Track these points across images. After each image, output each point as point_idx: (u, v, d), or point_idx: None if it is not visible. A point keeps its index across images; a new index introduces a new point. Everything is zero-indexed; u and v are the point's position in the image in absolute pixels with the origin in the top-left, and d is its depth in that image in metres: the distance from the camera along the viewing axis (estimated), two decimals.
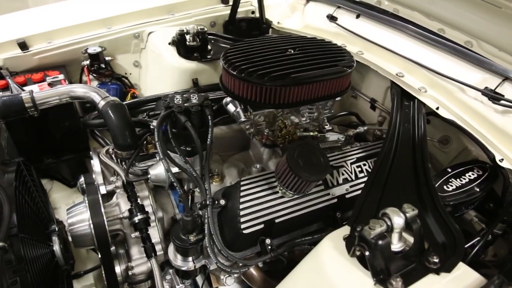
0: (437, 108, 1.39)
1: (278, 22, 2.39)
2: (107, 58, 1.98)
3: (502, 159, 1.22)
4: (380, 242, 0.82)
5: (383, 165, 1.18)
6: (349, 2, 1.98)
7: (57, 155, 1.87)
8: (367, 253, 0.83)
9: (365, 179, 1.35)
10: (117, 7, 2.08)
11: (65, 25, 1.94)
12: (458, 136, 1.47)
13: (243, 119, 1.33)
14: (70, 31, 1.95)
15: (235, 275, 1.26)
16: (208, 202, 1.14)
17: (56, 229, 1.34)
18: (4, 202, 0.98)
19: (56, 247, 1.31)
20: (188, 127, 1.15)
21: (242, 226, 1.12)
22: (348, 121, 1.95)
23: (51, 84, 1.70)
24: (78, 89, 1.36)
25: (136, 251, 1.35)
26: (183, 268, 1.21)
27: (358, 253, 0.89)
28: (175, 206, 1.44)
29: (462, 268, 0.87)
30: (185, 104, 1.22)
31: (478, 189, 1.23)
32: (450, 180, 1.26)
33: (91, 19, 1.99)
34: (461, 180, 1.26)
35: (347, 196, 1.30)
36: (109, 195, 1.42)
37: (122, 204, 1.35)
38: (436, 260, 0.85)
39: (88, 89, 1.36)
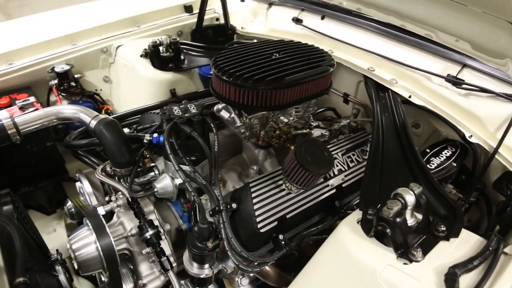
0: (410, 97, 1.54)
1: (242, 28, 2.45)
2: (75, 76, 1.91)
3: (471, 136, 1.39)
4: (398, 219, 0.92)
5: (376, 153, 1.30)
6: (312, 4, 2.11)
7: (34, 182, 1.77)
8: (388, 230, 0.93)
9: (356, 167, 1.46)
10: (80, 22, 2.01)
11: (26, 44, 1.84)
12: (428, 119, 1.64)
13: (238, 124, 1.37)
14: (32, 50, 1.85)
15: (251, 274, 1.30)
16: (222, 207, 1.16)
17: (59, 258, 1.28)
18: (15, 236, 0.93)
19: (62, 277, 1.26)
20: (195, 136, 1.17)
21: (259, 225, 1.16)
22: (324, 116, 2.07)
23: (22, 108, 1.61)
24: (67, 110, 1.31)
25: (146, 268, 1.34)
26: (201, 276, 1.22)
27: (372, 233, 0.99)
28: (178, 217, 1.44)
29: (464, 233, 1.00)
30: (186, 115, 1.23)
31: (455, 164, 1.39)
32: (431, 159, 1.41)
33: (54, 36, 1.90)
34: (439, 158, 1.42)
35: (343, 185, 1.40)
36: (107, 215, 1.38)
37: (126, 223, 1.33)
38: (444, 229, 0.97)
39: (77, 109, 1.32)
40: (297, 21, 2.13)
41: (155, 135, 1.40)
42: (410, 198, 0.94)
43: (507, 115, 1.35)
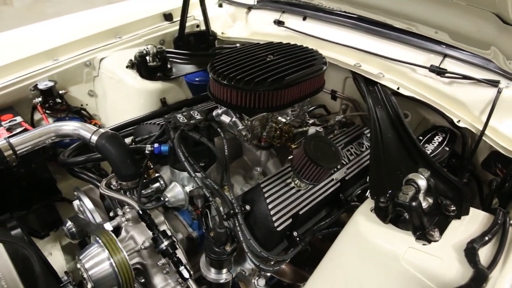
0: (398, 88, 1.62)
1: (222, 33, 2.47)
2: (60, 92, 1.85)
3: (459, 121, 1.49)
4: (413, 203, 0.97)
5: (376, 145, 1.35)
6: (293, 6, 2.16)
7: (26, 205, 1.69)
8: (405, 214, 0.98)
9: (356, 160, 1.52)
10: (60, 37, 1.94)
11: (4, 62, 1.76)
12: (415, 109, 1.73)
13: (241, 127, 1.38)
14: (12, 68, 1.77)
15: (268, 273, 1.31)
16: (237, 210, 1.17)
17: (71, 279, 1.24)
18: (34, 260, 0.90)
19: None
20: (205, 141, 1.18)
21: (275, 223, 1.18)
22: (313, 114, 2.12)
23: (10, 129, 1.55)
24: (66, 127, 1.27)
25: (160, 280, 1.32)
26: (221, 281, 1.22)
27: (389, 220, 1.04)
28: (187, 226, 1.43)
29: (471, 210, 1.07)
30: (191, 121, 1.24)
31: (447, 149, 1.48)
32: (425, 146, 1.49)
33: (34, 52, 1.83)
34: (432, 144, 1.50)
35: (346, 178, 1.45)
36: (114, 231, 1.35)
37: (136, 236, 1.31)
38: (454, 208, 1.03)
39: (76, 125, 1.29)
40: (279, 23, 2.17)
41: (156, 145, 1.39)
42: (422, 183, 1.00)
43: (489, 99, 1.45)
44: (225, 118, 1.42)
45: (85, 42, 1.98)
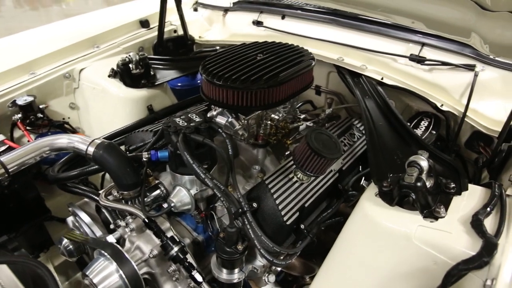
0: (382, 79, 1.69)
1: (200, 37, 2.47)
2: (40, 106, 1.78)
3: (442, 105, 1.57)
4: (418, 184, 1.02)
5: (371, 134, 1.40)
6: (270, 6, 2.19)
7: (14, 227, 1.60)
8: (412, 195, 1.02)
9: (350, 151, 1.56)
10: (35, 49, 1.87)
11: None
12: (399, 97, 1.81)
13: (238, 126, 1.39)
14: None
15: (278, 268, 1.33)
16: (245, 208, 1.18)
17: None
18: (50, 280, 0.86)
19: None
20: (209, 143, 1.17)
21: (285, 218, 1.20)
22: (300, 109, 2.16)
23: None
24: (60, 140, 1.23)
25: (170, 287, 1.30)
26: (234, 281, 1.22)
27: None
28: (191, 230, 1.42)
29: (469, 186, 1.13)
30: (192, 124, 1.23)
31: (434, 132, 1.56)
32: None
33: (9, 67, 1.75)
34: (420, 129, 1.58)
35: (343, 168, 1.49)
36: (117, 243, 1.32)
37: (142, 246, 1.28)
38: (453, 185, 1.09)
39: (70, 137, 1.24)
40: (258, 23, 2.20)
41: (152, 152, 1.37)
42: (424, 163, 1.05)
43: (468, 83, 1.54)
44: (221, 119, 1.42)
45: (62, 54, 1.91)
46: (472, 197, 1.08)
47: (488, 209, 1.00)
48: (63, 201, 1.94)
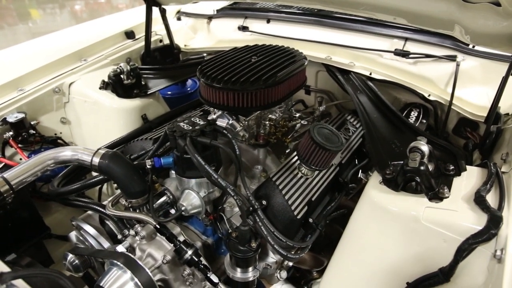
0: (370, 74, 1.76)
1: (185, 45, 2.49)
2: (32, 123, 1.74)
3: (429, 95, 1.65)
4: (421, 167, 1.07)
5: (367, 126, 1.46)
6: (254, 11, 2.24)
7: (15, 247, 1.56)
8: (417, 178, 1.07)
9: (347, 145, 1.61)
10: (22, 65, 1.83)
11: None
12: (387, 91, 1.88)
13: (239, 128, 1.42)
14: None
15: (290, 263, 1.35)
16: (256, 206, 1.20)
17: None
18: None
19: None
20: (217, 144, 1.19)
21: (295, 212, 1.23)
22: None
23: None
24: (64, 152, 1.21)
25: None
26: (250, 279, 1.24)
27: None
28: (200, 234, 1.43)
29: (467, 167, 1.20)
30: (196, 127, 1.25)
31: (424, 121, 1.63)
32: None
33: None
34: (411, 119, 1.65)
35: (342, 162, 1.54)
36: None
37: (154, 253, 1.27)
38: (452, 167, 1.15)
39: (74, 150, 1.23)
40: (244, 28, 2.24)
41: (155, 159, 1.37)
42: (425, 148, 1.10)
43: (451, 72, 1.64)
44: (221, 122, 1.44)
45: (49, 68, 1.88)
46: (470, 177, 1.15)
47: (488, 185, 1.06)
48: (59, 218, 1.91)
